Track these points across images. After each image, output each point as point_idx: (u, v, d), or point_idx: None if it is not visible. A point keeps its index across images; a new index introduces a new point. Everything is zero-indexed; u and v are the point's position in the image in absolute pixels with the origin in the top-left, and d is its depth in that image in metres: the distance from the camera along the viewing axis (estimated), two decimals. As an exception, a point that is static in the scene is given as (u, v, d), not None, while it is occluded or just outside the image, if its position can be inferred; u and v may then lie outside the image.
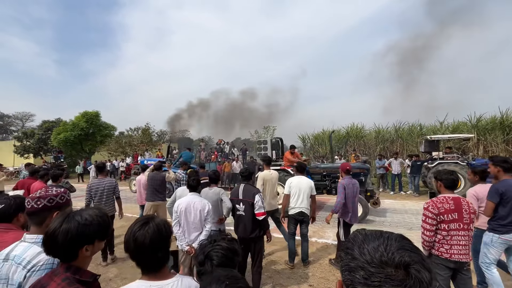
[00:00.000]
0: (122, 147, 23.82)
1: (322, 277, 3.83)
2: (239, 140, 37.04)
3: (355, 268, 0.59)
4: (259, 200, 3.22)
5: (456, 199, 2.44)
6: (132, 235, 1.13)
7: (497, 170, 2.97)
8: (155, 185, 5.23)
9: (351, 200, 4.00)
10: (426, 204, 2.52)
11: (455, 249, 2.39)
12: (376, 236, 0.63)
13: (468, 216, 2.40)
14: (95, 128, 25.87)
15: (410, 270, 0.55)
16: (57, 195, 1.44)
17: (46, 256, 1.19)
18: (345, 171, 4.19)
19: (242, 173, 3.56)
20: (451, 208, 2.39)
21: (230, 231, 6.00)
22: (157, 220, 1.18)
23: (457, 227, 2.39)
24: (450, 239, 2.40)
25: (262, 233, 3.34)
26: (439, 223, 2.43)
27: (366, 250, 0.60)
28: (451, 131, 15.45)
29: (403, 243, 0.60)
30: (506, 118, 14.52)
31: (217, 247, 1.06)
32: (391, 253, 0.57)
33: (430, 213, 2.45)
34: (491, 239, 2.92)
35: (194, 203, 3.10)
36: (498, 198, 2.83)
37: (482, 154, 14.09)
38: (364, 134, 18.58)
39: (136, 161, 19.01)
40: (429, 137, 10.84)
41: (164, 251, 1.14)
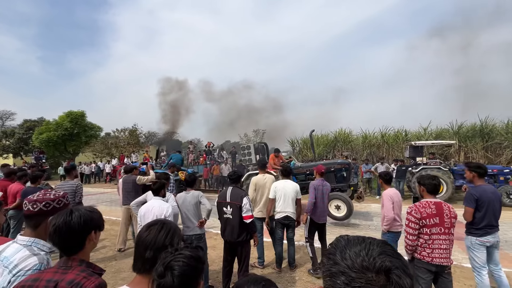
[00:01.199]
0: (108, 148, 23.22)
1: (309, 281, 3.85)
2: (228, 143, 36.90)
3: (336, 273, 0.58)
4: (247, 203, 3.21)
5: (438, 203, 2.51)
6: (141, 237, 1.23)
7: (472, 176, 3.10)
8: (127, 188, 5.29)
9: (320, 200, 4.08)
10: (409, 209, 2.58)
11: (436, 253, 2.45)
12: (358, 241, 0.63)
13: (449, 220, 2.47)
14: (80, 128, 25.13)
15: (391, 275, 0.54)
16: (54, 200, 1.40)
17: (35, 261, 1.20)
18: (320, 173, 4.30)
19: (230, 176, 3.55)
20: (433, 213, 2.46)
21: (217, 234, 5.95)
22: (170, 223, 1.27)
23: (438, 231, 2.45)
24: (432, 243, 2.46)
25: (249, 236, 3.32)
26: (421, 227, 2.49)
27: (348, 255, 0.59)
28: (434, 138, 15.97)
29: (385, 249, 0.60)
30: (485, 126, 15.16)
31: (179, 256, 0.96)
32: (373, 258, 0.57)
33: (413, 217, 2.51)
34: (471, 242, 3.04)
35: (153, 208, 3.02)
36: (475, 203, 2.94)
37: (463, 160, 14.63)
38: (352, 139, 18.92)
39: (122, 162, 18.58)
40: (413, 143, 11.17)
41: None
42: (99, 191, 14.70)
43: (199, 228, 3.54)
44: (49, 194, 1.41)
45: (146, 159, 17.87)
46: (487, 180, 9.61)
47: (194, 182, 3.80)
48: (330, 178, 7.46)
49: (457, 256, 4.55)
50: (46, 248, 1.32)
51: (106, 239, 5.91)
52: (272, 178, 4.61)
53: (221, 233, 3.46)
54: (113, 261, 4.77)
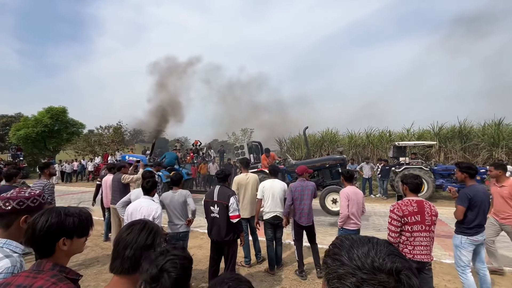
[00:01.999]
0: (91, 146, 22.48)
1: (295, 279, 3.88)
2: (216, 141, 36.68)
3: (345, 274, 0.56)
4: (234, 202, 3.18)
5: (419, 202, 2.59)
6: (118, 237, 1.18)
7: (464, 176, 3.10)
8: (114, 187, 5.15)
9: (299, 202, 3.93)
10: (392, 207, 2.65)
11: (417, 250, 2.53)
12: (364, 241, 0.61)
13: (430, 218, 2.56)
14: (61, 125, 24.20)
15: (401, 276, 0.54)
16: (29, 198, 1.33)
17: (7, 263, 1.14)
18: (300, 174, 4.19)
19: (218, 174, 3.52)
20: (414, 211, 2.54)
21: (203, 234, 5.89)
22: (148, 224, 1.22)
23: (419, 229, 2.53)
24: (413, 240, 2.54)
25: (236, 236, 3.31)
26: (403, 225, 2.56)
27: (356, 255, 0.57)
28: (416, 138, 16.52)
29: (391, 249, 0.59)
30: (463, 127, 15.85)
31: (172, 257, 0.93)
32: (382, 258, 0.55)
33: (395, 215, 2.58)
34: (460, 241, 3.05)
35: (141, 208, 2.95)
36: (467, 203, 2.96)
37: (443, 160, 15.22)
38: (338, 139, 19.27)
39: (106, 160, 18.05)
40: (397, 143, 11.51)
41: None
42: (81, 190, 14.22)
43: (185, 226, 3.64)
44: (23, 192, 1.35)
45: (131, 158, 17.46)
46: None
47: (180, 181, 3.81)
48: (325, 174, 7.42)
49: (437, 253, 4.72)
50: (19, 250, 1.25)
51: (87, 240, 5.72)
52: (255, 177, 4.53)
53: (208, 232, 3.43)
54: (95, 262, 4.63)
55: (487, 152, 14.63)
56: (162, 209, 3.20)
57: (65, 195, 12.04)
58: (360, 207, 3.58)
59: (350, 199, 3.49)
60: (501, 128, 14.93)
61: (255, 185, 4.44)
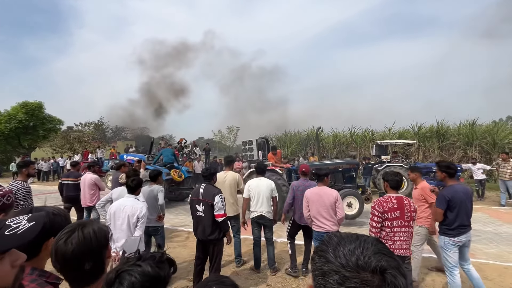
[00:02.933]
0: (70, 143, 21.57)
1: (280, 275, 3.92)
2: (202, 139, 36.28)
3: (329, 272, 0.55)
4: (219, 201, 3.16)
5: (399, 198, 2.70)
6: (54, 246, 0.97)
7: (443, 176, 3.08)
8: (113, 187, 4.96)
9: (299, 202, 3.82)
10: (373, 203, 2.74)
11: (397, 245, 2.64)
12: (352, 239, 0.60)
13: (409, 214, 2.66)
14: (37, 121, 23.00)
15: (386, 275, 0.53)
16: (4, 195, 1.30)
17: None
18: (301, 173, 4.08)
19: (203, 173, 3.49)
20: (394, 207, 2.63)
21: (188, 233, 5.82)
22: (87, 228, 1.01)
23: (399, 224, 2.63)
24: (393, 235, 2.64)
25: (222, 235, 3.29)
26: (384, 221, 2.65)
27: (341, 253, 0.57)
28: (397, 137, 17.13)
29: (379, 247, 0.58)
30: (441, 127, 16.60)
31: (136, 270, 0.80)
32: (368, 257, 0.55)
33: (376, 211, 2.67)
34: (444, 242, 3.03)
35: (125, 207, 2.89)
36: (446, 204, 2.95)
37: (421, 158, 15.88)
38: (323, 138, 19.62)
39: (86, 158, 17.40)
40: (379, 142, 11.88)
41: (94, 263, 0.98)
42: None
43: (156, 221, 3.74)
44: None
45: (113, 155, 16.93)
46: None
47: (157, 177, 3.93)
48: (338, 178, 7.11)
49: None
50: None
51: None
52: (233, 176, 4.39)
53: (193, 231, 3.40)
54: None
55: (462, 150, 15.42)
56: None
57: (41, 195, 11.50)
58: (325, 208, 3.38)
59: (309, 201, 3.46)
60: (475, 128, 15.78)
61: (233, 184, 4.31)
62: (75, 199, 5.43)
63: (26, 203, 3.68)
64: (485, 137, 15.14)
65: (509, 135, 15.04)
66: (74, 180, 5.47)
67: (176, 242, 5.38)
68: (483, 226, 6.23)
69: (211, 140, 34.85)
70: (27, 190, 3.77)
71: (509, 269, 4.11)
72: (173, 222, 6.90)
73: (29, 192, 3.79)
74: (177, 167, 9.62)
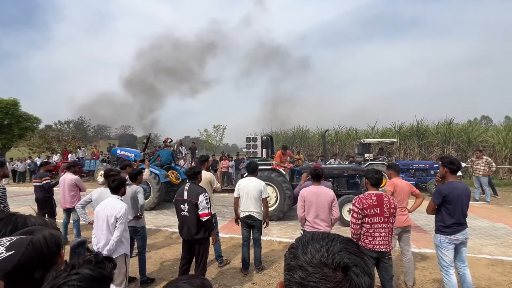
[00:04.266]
0: (48, 142, 20.67)
1: (265, 273, 3.95)
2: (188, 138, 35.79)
3: (294, 267, 0.58)
4: (203, 200, 3.14)
5: (379, 195, 2.78)
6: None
7: (445, 171, 3.00)
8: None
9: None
10: (354, 200, 2.82)
11: (377, 240, 2.72)
12: (322, 237, 0.62)
13: (388, 210, 2.74)
14: (13, 119, 21.85)
15: (349, 272, 0.53)
16: None
17: None
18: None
19: (187, 172, 3.46)
20: (373, 204, 2.71)
21: (173, 233, 5.75)
22: (36, 234, 0.93)
23: (378, 221, 2.72)
24: (373, 232, 2.72)
25: (207, 234, 3.28)
26: (363, 217, 2.73)
27: (309, 250, 0.59)
28: (380, 136, 17.65)
29: (347, 245, 0.59)
30: (421, 126, 17.27)
31: (74, 277, 0.73)
32: (332, 254, 0.56)
33: (356, 208, 2.74)
34: (440, 240, 2.98)
35: (105, 207, 2.88)
36: (441, 199, 2.91)
37: (402, 156, 16.46)
38: (309, 136, 19.90)
39: (66, 158, 16.74)
40: (362, 140, 12.19)
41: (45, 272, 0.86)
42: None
43: (134, 221, 3.69)
44: None
45: (95, 155, 16.38)
46: (421, 174, 11.00)
47: (136, 177, 3.87)
48: (341, 183, 6.98)
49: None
50: None
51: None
52: (205, 175, 4.20)
53: (179, 231, 3.36)
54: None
55: (440, 148, 16.11)
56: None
57: (17, 196, 10.96)
58: (322, 208, 3.30)
59: (306, 200, 3.38)
60: (452, 127, 16.53)
61: (206, 183, 4.15)
62: (43, 201, 5.24)
63: (3, 205, 3.58)
64: (461, 136, 15.90)
65: (482, 134, 15.88)
66: (39, 181, 5.23)
67: (160, 243, 5.30)
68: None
69: (197, 139, 34.44)
70: (3, 192, 3.63)
71: (482, 260, 4.35)
72: (158, 222, 6.79)
73: (5, 193, 3.68)
74: (174, 168, 9.39)
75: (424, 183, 10.65)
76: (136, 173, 3.91)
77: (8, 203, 3.76)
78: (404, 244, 3.60)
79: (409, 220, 3.60)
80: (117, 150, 10.96)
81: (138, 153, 10.22)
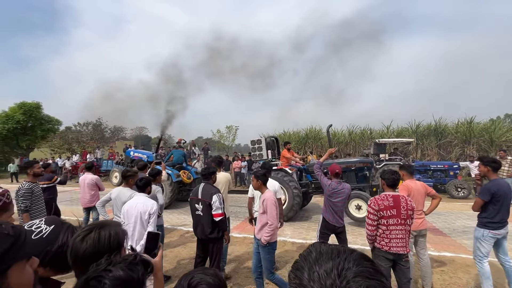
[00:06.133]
0: (68, 143, 21.54)
1: (279, 273, 3.94)
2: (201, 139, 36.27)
3: None
4: (217, 200, 3.17)
5: (396, 196, 2.71)
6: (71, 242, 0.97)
7: (487, 170, 3.08)
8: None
9: (332, 204, 3.67)
10: (369, 201, 2.76)
11: (393, 242, 2.64)
12: (332, 255, 0.52)
13: (405, 212, 2.66)
14: (35, 121, 22.97)
15: None
16: (3, 194, 1.32)
17: None
18: (334, 174, 3.77)
19: (202, 172, 3.50)
20: (390, 205, 2.64)
21: (187, 232, 5.84)
22: (104, 230, 1.00)
23: (395, 222, 2.64)
24: (389, 233, 2.65)
25: (221, 234, 3.31)
26: (379, 219, 2.67)
27: (317, 274, 0.50)
28: (396, 136, 17.18)
29: (362, 268, 0.49)
30: (439, 125, 16.66)
31: (106, 275, 0.75)
32: (346, 281, 0.47)
33: (372, 209, 2.68)
34: (482, 234, 3.08)
35: (137, 204, 3.00)
36: (490, 197, 3.00)
37: (420, 156, 15.95)
38: (322, 136, 19.65)
39: (85, 158, 17.39)
40: (377, 140, 11.92)
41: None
42: (59, 189, 13.60)
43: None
44: None
45: (112, 156, 16.92)
46: (439, 175, 10.62)
47: (155, 177, 3.96)
48: (351, 178, 6.96)
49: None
50: None
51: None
52: (226, 176, 4.23)
53: (193, 230, 3.42)
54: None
55: (459, 148, 15.48)
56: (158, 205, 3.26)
57: (40, 195, 11.49)
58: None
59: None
60: (472, 126, 15.84)
61: (226, 184, 4.13)
62: (46, 202, 5.24)
63: (24, 205, 3.56)
64: (482, 135, 15.21)
65: (506, 133, 15.12)
66: (42, 183, 4.95)
67: (175, 241, 5.41)
68: (480, 223, 6.27)
69: (210, 140, 34.83)
70: (24, 191, 3.60)
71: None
72: (173, 221, 6.93)
73: (25, 194, 3.61)
74: (186, 168, 9.54)
75: (443, 184, 10.26)
76: (156, 173, 4.03)
77: (29, 204, 3.64)
78: (420, 248, 3.50)
79: (425, 223, 3.49)
80: (131, 152, 11.30)
81: (150, 154, 10.51)
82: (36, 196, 3.74)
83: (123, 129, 38.25)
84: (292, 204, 6.56)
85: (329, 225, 3.73)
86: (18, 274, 0.66)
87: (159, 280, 1.19)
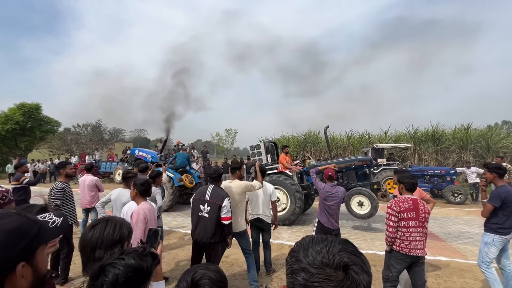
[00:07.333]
0: (67, 145, 21.52)
1: (276, 276, 3.98)
2: (199, 142, 36.30)
3: (297, 270, 0.60)
4: (228, 204, 3.12)
5: (414, 200, 2.76)
6: (83, 232, 1.17)
7: (493, 176, 3.12)
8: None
9: (327, 206, 3.76)
10: (390, 203, 2.80)
11: (413, 245, 2.68)
12: (321, 239, 0.65)
13: (423, 215, 2.72)
14: (35, 122, 22.95)
15: (349, 271, 0.56)
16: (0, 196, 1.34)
17: None
18: (328, 177, 3.83)
19: (211, 174, 3.39)
20: (410, 207, 2.70)
21: (185, 235, 5.86)
22: (110, 223, 1.16)
23: (414, 225, 2.69)
24: (410, 235, 2.69)
25: (221, 238, 3.20)
26: (400, 220, 2.70)
27: (310, 252, 0.61)
28: (393, 141, 17.29)
29: (345, 246, 0.62)
30: (436, 131, 16.80)
31: (119, 262, 0.83)
32: (332, 255, 0.59)
33: (393, 211, 2.72)
34: (493, 239, 3.09)
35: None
36: (500, 202, 3.02)
37: (417, 162, 16.04)
38: (320, 141, 19.75)
39: (84, 160, 17.38)
40: (375, 145, 12.01)
41: (105, 254, 1.05)
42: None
43: None
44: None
45: (110, 158, 16.91)
46: (437, 180, 10.70)
47: (155, 179, 4.00)
48: (351, 176, 7.01)
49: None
50: None
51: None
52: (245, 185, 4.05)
53: (191, 231, 3.32)
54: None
55: (457, 154, 15.60)
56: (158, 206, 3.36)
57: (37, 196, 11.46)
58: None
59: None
60: (469, 132, 15.99)
61: (243, 194, 3.91)
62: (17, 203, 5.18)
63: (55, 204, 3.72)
64: (479, 141, 15.35)
65: (503, 140, 15.27)
66: (14, 183, 5.04)
67: (173, 243, 5.43)
68: (476, 228, 6.34)
69: (209, 143, 34.86)
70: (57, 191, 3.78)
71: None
72: (171, 224, 6.95)
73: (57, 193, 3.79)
74: (189, 172, 9.49)
75: (440, 189, 10.34)
76: (156, 174, 4.04)
77: (60, 202, 3.80)
78: None
79: None
80: (135, 151, 11.22)
81: (155, 154, 10.43)
82: (68, 196, 3.95)
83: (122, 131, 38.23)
84: (294, 208, 6.55)
85: (324, 227, 3.79)
86: (41, 255, 0.77)
87: (158, 274, 1.27)
